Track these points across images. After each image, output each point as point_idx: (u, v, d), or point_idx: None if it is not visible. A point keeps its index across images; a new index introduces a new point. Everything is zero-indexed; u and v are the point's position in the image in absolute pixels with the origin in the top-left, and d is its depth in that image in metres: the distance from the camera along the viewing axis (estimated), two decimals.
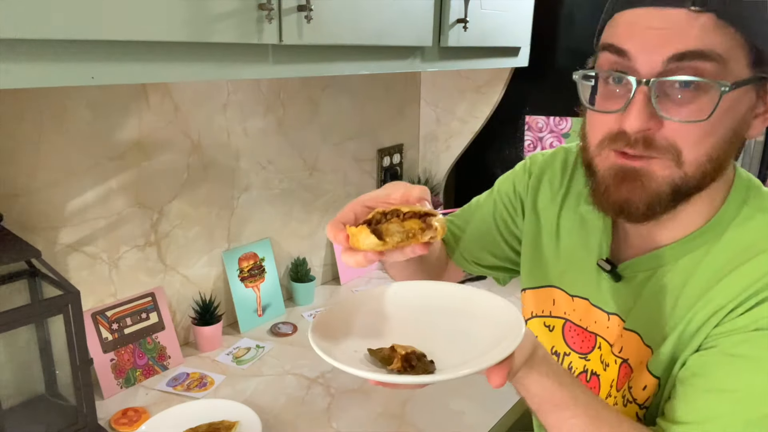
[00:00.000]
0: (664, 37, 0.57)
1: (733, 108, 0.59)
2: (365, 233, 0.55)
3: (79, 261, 1.13)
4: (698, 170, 0.61)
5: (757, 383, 0.60)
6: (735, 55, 0.58)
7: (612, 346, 0.77)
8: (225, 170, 1.36)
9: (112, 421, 1.05)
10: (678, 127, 0.59)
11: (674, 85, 0.58)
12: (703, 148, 0.60)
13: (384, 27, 1.04)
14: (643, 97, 0.59)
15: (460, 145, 1.87)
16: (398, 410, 1.10)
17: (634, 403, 0.73)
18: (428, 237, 0.57)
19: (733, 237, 0.66)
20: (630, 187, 0.62)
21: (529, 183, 0.88)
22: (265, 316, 1.46)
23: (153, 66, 0.74)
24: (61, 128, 1.05)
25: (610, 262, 0.75)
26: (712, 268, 0.65)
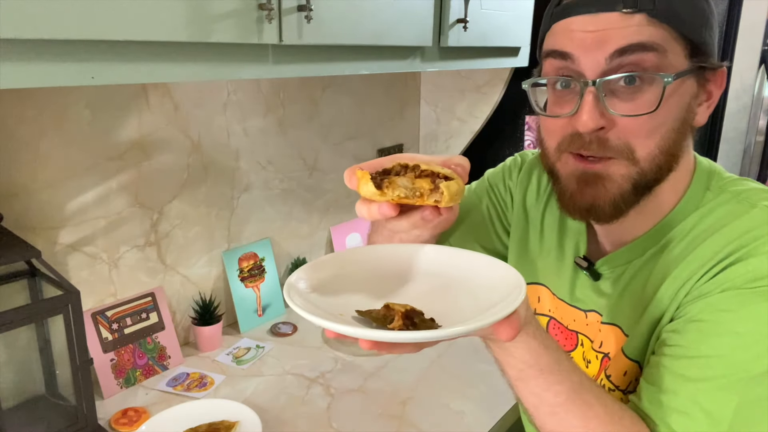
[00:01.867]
0: (603, 37, 0.60)
1: (676, 98, 0.62)
2: (365, 179, 0.52)
3: (79, 261, 1.13)
4: (652, 163, 0.63)
5: (723, 347, 0.60)
6: (672, 47, 0.60)
7: (593, 342, 0.78)
8: (225, 170, 1.36)
9: (112, 421, 1.05)
10: (628, 123, 0.61)
11: (619, 81, 0.60)
12: (653, 141, 0.62)
13: (384, 27, 1.04)
14: (592, 97, 0.60)
15: (460, 145, 1.87)
16: (398, 410, 1.10)
17: (617, 390, 0.74)
18: (432, 200, 0.53)
19: (697, 219, 0.67)
20: (593, 190, 0.64)
21: (519, 179, 0.89)
22: (265, 316, 1.46)
23: (153, 66, 0.74)
24: (61, 128, 1.05)
25: (587, 260, 0.77)
26: (678, 249, 0.67)
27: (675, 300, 0.66)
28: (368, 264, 0.60)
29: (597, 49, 0.60)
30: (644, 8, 0.59)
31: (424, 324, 0.51)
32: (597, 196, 0.64)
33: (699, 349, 0.61)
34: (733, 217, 0.65)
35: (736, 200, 0.66)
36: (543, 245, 0.85)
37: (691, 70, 0.62)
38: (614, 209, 0.65)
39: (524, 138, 1.79)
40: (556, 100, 0.66)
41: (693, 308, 0.63)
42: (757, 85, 2.09)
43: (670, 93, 0.60)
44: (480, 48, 1.38)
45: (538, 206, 0.87)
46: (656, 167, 0.63)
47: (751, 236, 0.62)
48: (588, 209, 0.66)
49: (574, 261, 0.79)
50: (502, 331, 0.52)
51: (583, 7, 0.61)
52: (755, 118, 2.18)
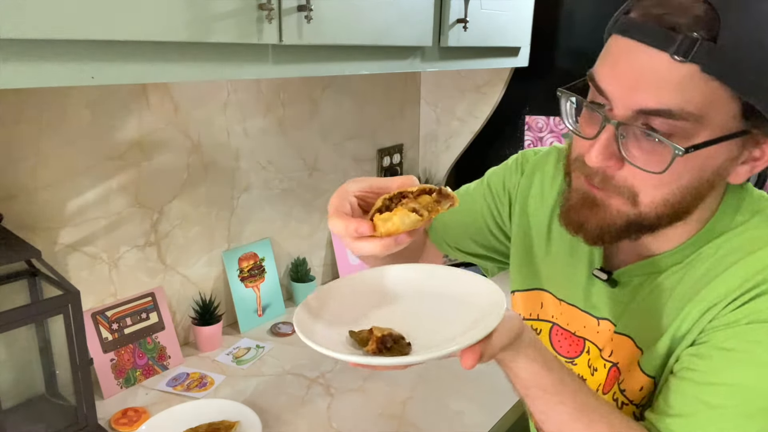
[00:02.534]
0: (642, 84, 0.56)
1: (698, 162, 0.58)
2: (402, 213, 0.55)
3: (79, 261, 1.13)
4: (653, 212, 0.62)
5: (750, 377, 0.60)
6: (715, 109, 0.56)
7: (601, 351, 0.77)
8: (225, 170, 1.36)
9: (112, 421, 1.05)
10: (636, 171, 0.59)
11: (639, 131, 0.57)
12: (659, 194, 0.60)
13: (384, 27, 1.04)
14: (609, 136, 0.59)
15: (460, 145, 1.87)
16: (398, 410, 1.10)
17: (630, 405, 0.73)
18: (447, 206, 0.58)
19: (725, 240, 0.66)
20: (588, 213, 0.65)
21: (520, 182, 0.87)
22: (265, 316, 1.46)
23: (153, 66, 0.74)
24: (61, 128, 1.05)
25: (605, 271, 0.75)
26: (705, 268, 0.66)
27: (698, 324, 0.65)
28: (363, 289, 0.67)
29: (632, 95, 0.57)
30: (697, 61, 0.53)
31: (397, 349, 0.56)
32: (588, 219, 0.65)
33: (723, 376, 0.61)
34: (762, 243, 0.63)
35: (766, 224, 0.65)
36: (550, 250, 0.84)
37: (735, 135, 0.57)
38: (599, 236, 0.65)
39: (524, 138, 1.79)
40: (586, 118, 0.65)
41: (719, 336, 0.63)
42: None
43: (688, 161, 0.57)
44: (480, 48, 1.38)
45: (544, 210, 0.84)
46: (657, 216, 0.62)
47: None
48: (577, 227, 0.67)
49: (590, 271, 0.77)
50: (463, 361, 0.55)
51: (642, 34, 0.56)
52: None
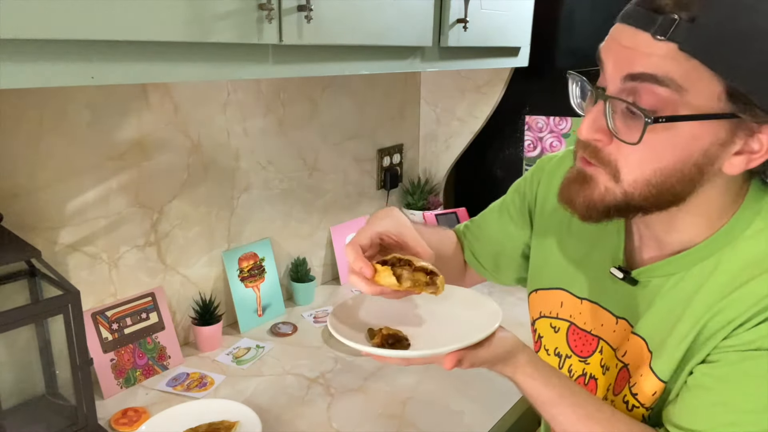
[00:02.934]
0: (629, 55, 0.59)
1: (681, 139, 0.59)
2: (387, 273, 0.68)
3: (79, 261, 1.13)
4: (637, 192, 0.63)
5: (761, 400, 0.61)
6: (697, 87, 0.57)
7: (616, 350, 0.78)
8: (225, 170, 1.36)
9: (112, 421, 1.05)
10: (620, 145, 0.61)
11: (622, 104, 0.60)
12: (641, 173, 0.61)
13: (384, 27, 1.04)
14: (599, 110, 0.62)
15: (460, 145, 1.87)
16: (398, 410, 1.10)
17: (641, 408, 0.73)
18: (430, 291, 0.70)
19: (744, 248, 0.66)
20: (577, 188, 0.67)
21: (539, 191, 0.91)
22: (265, 316, 1.46)
23: (153, 66, 0.74)
24: (61, 128, 1.05)
25: (623, 270, 0.76)
26: (724, 278, 0.66)
27: (715, 337, 0.65)
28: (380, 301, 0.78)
29: (620, 66, 0.60)
30: (675, 39, 0.56)
31: (396, 347, 0.70)
32: (577, 195, 0.67)
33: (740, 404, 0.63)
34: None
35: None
36: (569, 249, 0.85)
37: (715, 115, 0.58)
38: (586, 212, 0.67)
39: (524, 138, 1.79)
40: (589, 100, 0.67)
41: (732, 357, 0.63)
42: None
43: (675, 131, 0.58)
44: (480, 48, 1.38)
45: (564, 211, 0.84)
46: (642, 197, 0.63)
47: None
48: (569, 202, 0.69)
49: (609, 270, 0.77)
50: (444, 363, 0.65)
51: (631, 18, 0.60)
52: None
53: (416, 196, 1.86)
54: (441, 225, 1.80)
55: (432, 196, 1.89)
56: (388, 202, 1.87)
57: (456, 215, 1.84)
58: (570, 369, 0.84)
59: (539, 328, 0.90)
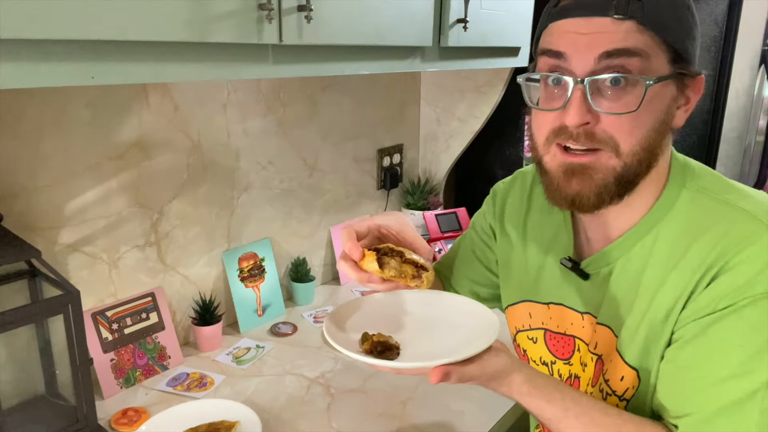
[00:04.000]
0: (594, 39, 0.64)
1: (656, 100, 0.66)
2: (371, 258, 0.68)
3: (79, 261, 1.13)
4: (634, 159, 0.67)
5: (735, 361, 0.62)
6: (656, 53, 0.65)
7: (588, 345, 0.79)
8: (225, 170, 1.36)
9: (112, 421, 1.05)
10: (613, 119, 0.65)
11: (605, 82, 0.64)
12: (635, 138, 0.66)
13: (384, 27, 1.04)
14: (580, 95, 0.65)
15: (460, 145, 1.87)
16: (398, 410, 1.10)
17: (613, 396, 0.75)
18: (414, 284, 0.71)
19: (677, 218, 0.70)
20: (579, 180, 0.68)
21: (495, 211, 0.95)
22: (265, 316, 1.46)
23: (153, 66, 0.74)
24: (61, 128, 1.05)
25: (572, 261, 0.79)
26: (664, 251, 0.70)
27: (673, 312, 0.68)
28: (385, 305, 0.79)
29: (587, 50, 0.64)
30: (634, 16, 0.63)
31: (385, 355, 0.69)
32: (582, 186, 0.68)
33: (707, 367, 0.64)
34: (711, 219, 0.67)
35: (712, 200, 0.69)
36: (527, 260, 0.88)
37: (671, 76, 0.66)
38: (597, 199, 0.68)
39: (524, 138, 1.79)
40: (547, 96, 0.70)
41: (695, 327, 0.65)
42: (757, 85, 2.09)
43: (652, 95, 0.64)
44: (480, 48, 1.38)
45: (518, 227, 0.90)
46: (637, 162, 0.67)
47: (730, 242, 0.64)
48: (572, 199, 0.70)
49: (559, 261, 0.81)
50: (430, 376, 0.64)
51: (579, 10, 0.65)
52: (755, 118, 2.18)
53: (416, 196, 1.86)
54: (441, 225, 1.80)
55: (432, 196, 1.89)
56: (388, 202, 1.87)
57: (456, 215, 1.84)
58: (559, 373, 0.85)
59: (521, 343, 0.92)
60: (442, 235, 1.77)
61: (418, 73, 1.86)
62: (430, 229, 1.79)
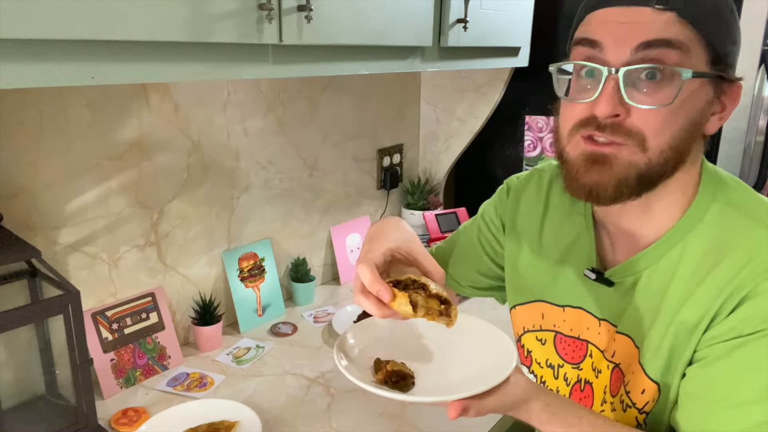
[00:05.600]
0: (632, 29, 0.62)
1: (692, 98, 0.63)
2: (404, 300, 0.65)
3: (79, 261, 1.13)
4: (661, 157, 0.64)
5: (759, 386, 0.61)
6: (695, 49, 0.62)
7: (604, 352, 0.78)
8: (225, 170, 1.36)
9: (112, 421, 1.05)
10: (644, 114, 0.63)
11: (641, 75, 0.62)
12: (664, 136, 0.64)
13: (384, 27, 1.04)
14: (613, 85, 0.63)
15: (460, 145, 1.87)
16: (398, 410, 1.10)
17: (633, 408, 0.73)
18: (442, 322, 0.66)
19: (705, 233, 0.68)
20: (599, 169, 0.66)
21: (508, 205, 0.92)
22: (265, 316, 1.46)
23: (153, 66, 0.74)
24: (61, 128, 1.05)
25: (596, 271, 0.77)
26: (691, 267, 0.68)
27: (697, 330, 0.66)
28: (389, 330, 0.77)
29: (625, 40, 0.62)
30: (675, 7, 0.61)
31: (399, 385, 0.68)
32: (602, 176, 0.66)
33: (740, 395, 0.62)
34: (741, 237, 0.65)
35: (744, 216, 0.67)
36: (543, 261, 0.85)
37: (710, 75, 0.63)
38: (615, 191, 0.66)
39: (524, 138, 1.79)
40: (578, 87, 0.68)
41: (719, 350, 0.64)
42: (757, 85, 2.09)
43: (687, 92, 0.62)
44: (480, 48, 1.38)
45: (533, 226, 0.88)
46: (663, 161, 0.64)
47: (759, 264, 0.62)
48: (591, 189, 0.67)
49: (583, 272, 0.78)
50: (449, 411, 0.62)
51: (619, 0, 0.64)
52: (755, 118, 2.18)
53: (416, 196, 1.86)
54: (441, 225, 1.80)
55: (432, 196, 1.89)
56: (388, 202, 1.87)
57: (456, 215, 1.84)
58: (566, 377, 0.84)
59: (526, 344, 0.90)
60: (442, 235, 1.77)
61: (418, 73, 1.86)
62: (430, 229, 1.79)
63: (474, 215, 1.01)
